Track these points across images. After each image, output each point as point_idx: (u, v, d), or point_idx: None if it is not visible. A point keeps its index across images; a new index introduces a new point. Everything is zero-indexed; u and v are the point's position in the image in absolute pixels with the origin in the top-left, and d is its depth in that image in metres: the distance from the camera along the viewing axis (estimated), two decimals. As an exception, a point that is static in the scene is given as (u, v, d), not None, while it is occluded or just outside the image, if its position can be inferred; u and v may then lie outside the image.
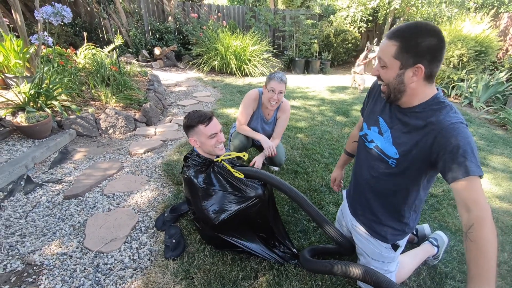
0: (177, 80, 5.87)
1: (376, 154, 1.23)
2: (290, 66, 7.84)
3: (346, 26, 8.23)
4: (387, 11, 7.72)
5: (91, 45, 4.94)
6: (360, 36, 8.54)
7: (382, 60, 1.04)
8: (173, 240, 1.66)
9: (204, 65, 6.52)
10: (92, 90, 3.65)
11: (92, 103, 3.50)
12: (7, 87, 3.42)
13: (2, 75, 3.39)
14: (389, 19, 7.74)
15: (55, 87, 3.25)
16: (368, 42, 8.02)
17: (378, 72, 1.09)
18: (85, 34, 5.53)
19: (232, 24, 7.73)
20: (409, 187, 1.17)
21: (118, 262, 1.56)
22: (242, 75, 6.52)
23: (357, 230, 1.41)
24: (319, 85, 6.19)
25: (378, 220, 1.30)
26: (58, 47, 4.36)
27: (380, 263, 1.35)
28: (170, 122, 3.65)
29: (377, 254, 1.34)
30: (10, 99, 2.99)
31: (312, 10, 8.71)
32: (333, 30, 7.95)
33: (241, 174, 1.58)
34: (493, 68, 6.10)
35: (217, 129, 1.59)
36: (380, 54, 1.05)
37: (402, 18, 7.76)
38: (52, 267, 1.51)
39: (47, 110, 2.93)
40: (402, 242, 1.34)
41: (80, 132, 3.05)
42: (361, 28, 8.27)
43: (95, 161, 2.59)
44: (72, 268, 1.51)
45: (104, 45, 5.44)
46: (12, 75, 3.37)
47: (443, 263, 1.64)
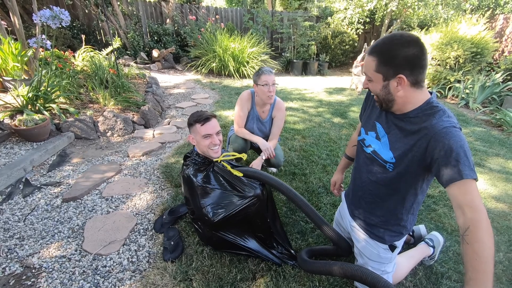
0: (175, 82, 5.88)
1: (374, 159, 1.26)
2: (288, 68, 7.87)
3: (344, 28, 8.27)
4: (384, 13, 7.77)
5: (89, 48, 4.95)
6: (358, 38, 8.60)
7: (367, 75, 1.12)
8: (172, 242, 1.67)
9: (202, 67, 6.54)
10: (91, 93, 3.66)
11: (91, 106, 3.51)
12: (5, 90, 3.42)
13: (0, 78, 3.40)
14: (386, 21, 7.79)
15: (53, 90, 3.26)
16: (366, 44, 8.06)
17: (367, 85, 1.16)
18: (83, 37, 5.55)
19: (230, 26, 7.76)
20: (407, 191, 1.19)
21: (117, 265, 1.57)
22: (240, 77, 6.54)
23: (355, 231, 1.43)
24: (317, 87, 6.21)
25: (376, 222, 1.32)
26: (56, 50, 4.37)
27: (378, 264, 1.36)
28: (169, 125, 3.66)
29: (375, 255, 1.35)
30: (8, 102, 2.99)
31: (310, 12, 8.76)
32: (331, 32, 8.00)
33: (240, 173, 1.60)
34: (489, 69, 6.15)
35: (213, 131, 1.61)
36: (365, 69, 1.13)
37: (399, 20, 7.81)
38: (51, 270, 1.51)
39: (45, 113, 2.93)
40: (399, 243, 1.35)
41: (79, 135, 3.05)
42: (359, 30, 8.32)
43: (94, 164, 2.59)
44: (71, 271, 1.51)
45: (102, 48, 5.44)
46: (10, 78, 3.38)
47: (439, 263, 1.65)
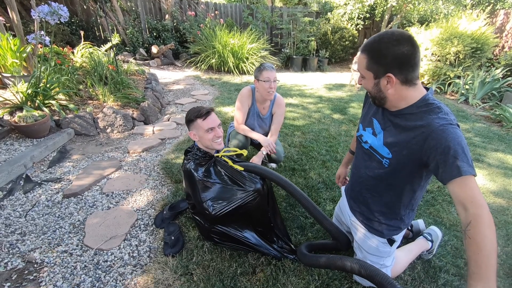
0: (175, 79, 5.87)
1: (371, 154, 1.27)
2: (288, 64, 7.85)
3: (344, 24, 8.24)
4: (384, 8, 7.73)
5: (88, 44, 4.93)
6: (358, 34, 8.56)
7: (360, 72, 1.14)
8: (172, 237, 1.68)
9: (202, 63, 6.52)
10: (90, 89, 3.65)
11: (90, 102, 3.51)
12: (5, 87, 3.42)
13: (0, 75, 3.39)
14: (386, 16, 7.76)
15: (53, 86, 3.25)
16: (366, 40, 8.05)
17: (361, 82, 1.18)
18: (82, 33, 5.52)
19: (230, 22, 7.72)
20: (403, 187, 1.20)
21: (118, 259, 1.58)
22: (240, 73, 6.53)
23: (355, 225, 1.44)
24: (317, 83, 6.20)
25: (374, 217, 1.34)
26: (55, 46, 4.35)
27: (376, 258, 1.37)
28: (168, 121, 3.66)
29: (374, 249, 1.36)
30: (8, 99, 2.99)
31: (310, 8, 8.70)
32: (331, 28, 7.96)
33: (241, 168, 1.61)
34: (489, 65, 6.14)
35: (215, 124, 1.63)
36: (358, 66, 1.15)
37: (399, 15, 7.77)
38: (53, 265, 1.53)
39: (45, 110, 2.93)
40: (398, 237, 1.37)
41: (78, 131, 3.06)
42: (358, 26, 8.29)
43: (94, 160, 2.60)
44: (73, 266, 1.53)
45: (101, 44, 5.42)
46: (9, 75, 3.37)
47: (437, 257, 1.67)
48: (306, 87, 5.77)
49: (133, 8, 7.32)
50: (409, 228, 1.80)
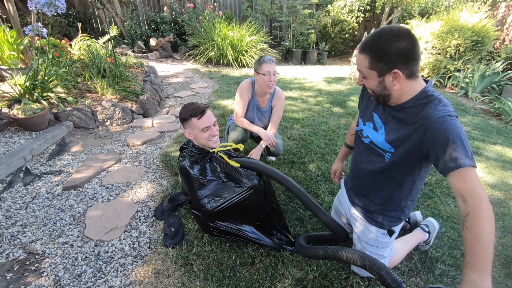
0: (174, 72, 5.84)
1: (372, 149, 1.27)
2: (287, 57, 7.79)
3: (344, 16, 8.15)
4: (385, 1, 7.65)
5: (86, 36, 4.88)
6: (358, 26, 8.48)
7: (361, 72, 1.11)
8: (172, 229, 1.70)
9: (201, 56, 6.47)
10: (88, 82, 3.63)
11: (88, 95, 3.49)
12: (2, 79, 3.39)
13: (-3, 67, 3.36)
14: (387, 9, 7.68)
15: (51, 79, 3.23)
16: (366, 32, 7.97)
17: (362, 82, 1.15)
18: (80, 25, 5.45)
19: (229, 14, 7.64)
20: (405, 179, 1.21)
21: (119, 250, 1.60)
22: (239, 66, 6.49)
23: (355, 217, 1.46)
24: (316, 76, 6.18)
25: (375, 209, 1.35)
26: (53, 39, 4.31)
27: (376, 248, 1.39)
28: (167, 114, 3.65)
29: (373, 240, 1.38)
30: (6, 91, 2.97)
31: (310, 0, 8.60)
32: (331, 20, 7.89)
33: (237, 164, 1.60)
34: (490, 58, 6.11)
35: (210, 123, 1.59)
36: (358, 67, 1.12)
37: (400, 8, 7.70)
38: (54, 256, 1.54)
39: (43, 102, 2.92)
40: (397, 228, 1.39)
41: (77, 124, 3.05)
42: (359, 18, 8.21)
43: (93, 153, 2.60)
44: (74, 257, 1.54)
45: (99, 36, 5.36)
46: (7, 67, 3.34)
47: (434, 248, 1.69)
48: (306, 80, 5.75)
49: (131, 0, 7.23)
50: (407, 220, 1.82)
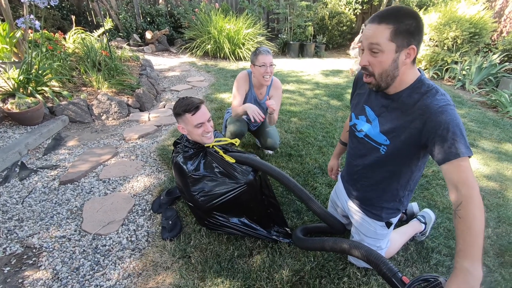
0: (170, 65, 5.78)
1: (367, 143, 1.26)
2: (285, 50, 7.73)
3: (341, 8, 8.08)
4: (383, -8, 7.57)
5: (80, 29, 4.81)
6: (355, 19, 8.41)
7: (377, 45, 0.99)
8: (170, 222, 1.70)
9: (197, 49, 6.41)
10: (83, 76, 3.59)
11: (84, 89, 3.46)
12: (-5, 73, 3.34)
13: (-11, 61, 3.31)
14: (385, 1, 7.61)
15: (45, 73, 3.19)
16: (363, 25, 7.91)
17: (368, 62, 1.04)
18: (73, 18, 5.37)
19: (225, 7, 7.54)
20: (402, 171, 1.20)
21: (116, 244, 1.60)
22: (236, 59, 6.43)
23: (353, 210, 1.46)
24: (314, 69, 6.15)
25: (373, 202, 1.35)
26: (46, 32, 4.24)
27: (374, 240, 1.40)
28: (164, 108, 3.63)
29: (372, 232, 1.39)
30: (-1, 85, 2.93)
31: (307, -8, 8.50)
32: (328, 13, 7.81)
33: (232, 159, 1.59)
34: (487, 50, 6.10)
35: (204, 119, 1.55)
36: (373, 40, 1.00)
37: (397, 0, 7.64)
38: (52, 250, 1.54)
39: (38, 96, 2.89)
40: (395, 220, 1.39)
41: (73, 118, 3.02)
42: (356, 10, 8.14)
43: (90, 147, 2.59)
44: (71, 250, 1.54)
45: (94, 29, 5.28)
46: (0, 61, 3.29)
47: (430, 239, 1.71)
48: (303, 73, 5.72)
49: (126, -8, 7.11)
50: (404, 211, 1.84)
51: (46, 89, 3.02)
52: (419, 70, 1.10)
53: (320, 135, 2.98)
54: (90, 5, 6.85)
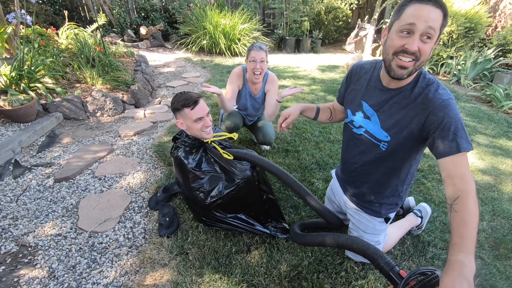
0: (165, 61, 5.73)
1: (367, 139, 1.24)
2: (281, 45, 7.70)
3: (337, 3, 8.05)
4: (379, -13, 7.54)
5: (73, 25, 4.73)
6: (351, 14, 8.39)
7: (433, 30, 0.90)
8: (167, 219, 1.69)
9: (193, 45, 6.35)
10: (77, 72, 3.54)
11: (78, 86, 3.41)
12: (-13, 70, 3.27)
13: (-20, 57, 3.24)
14: (381, -5, 7.59)
15: (38, 69, 3.13)
16: (359, 20, 7.90)
17: (418, 48, 0.93)
18: (66, 13, 5.28)
19: (220, 2, 7.47)
20: (401, 165, 1.20)
21: (113, 241, 1.59)
22: (232, 55, 6.39)
23: (351, 207, 1.46)
24: (310, 64, 6.13)
25: (371, 199, 1.35)
26: (38, 27, 4.16)
27: (373, 236, 1.41)
28: (160, 104, 3.60)
29: (371, 228, 1.39)
30: (-9, 82, 2.88)
31: (303, -14, 8.44)
32: (324, 8, 7.78)
33: (231, 156, 1.58)
34: (482, 45, 6.13)
35: (204, 113, 1.54)
36: (432, 23, 0.90)
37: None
38: (47, 248, 1.53)
39: (31, 93, 2.84)
40: (393, 215, 1.40)
41: (67, 115, 2.98)
42: (352, 5, 8.11)
43: (85, 144, 2.56)
44: (68, 248, 1.53)
45: (87, 25, 5.20)
46: (-9, 57, 3.22)
47: (426, 233, 1.72)
48: (299, 69, 5.71)
49: (119, -13, 7.00)
50: (400, 206, 1.85)
51: (39, 86, 2.97)
52: None
53: (317, 131, 2.97)
54: (83, 0, 6.74)
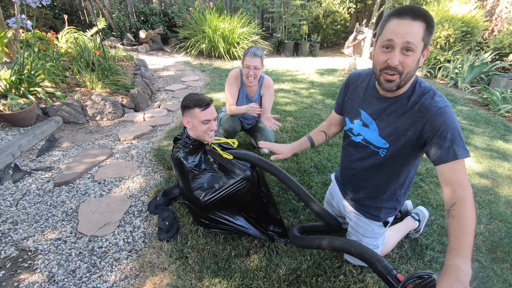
0: (165, 65, 5.75)
1: (365, 147, 1.26)
2: (279, 49, 7.73)
3: (335, 7, 8.10)
4: (376, -9, 7.60)
5: (73, 29, 4.75)
6: (349, 17, 8.45)
7: (412, 44, 0.93)
8: (167, 223, 1.70)
9: (192, 49, 6.38)
10: (77, 76, 3.55)
11: (77, 89, 3.42)
12: (-14, 74, 3.28)
13: (-20, 61, 3.25)
14: (378, 0, 7.66)
15: (37, 73, 3.15)
16: (357, 24, 7.95)
17: (399, 62, 0.97)
18: (66, 17, 5.30)
19: (219, 5, 7.51)
20: (400, 170, 1.22)
21: (113, 245, 1.60)
22: (231, 59, 6.42)
23: (349, 211, 1.47)
24: (309, 68, 6.16)
25: (370, 203, 1.37)
26: (38, 31, 4.18)
27: (371, 239, 1.42)
28: (159, 108, 3.61)
29: (369, 232, 1.41)
30: (-9, 86, 2.89)
31: (301, -10, 8.50)
32: (322, 11, 7.83)
33: (230, 156, 1.61)
34: (479, 49, 6.18)
35: (212, 116, 1.60)
36: (410, 38, 0.93)
37: (391, -1, 7.68)
38: (47, 252, 1.53)
39: (31, 97, 2.85)
40: (391, 219, 1.42)
41: (67, 119, 2.99)
42: (350, 9, 8.17)
43: (84, 148, 2.57)
44: (67, 252, 1.53)
45: (87, 29, 5.22)
46: (-9, 61, 3.24)
47: (424, 236, 1.73)
48: (298, 72, 5.74)
49: (119, -9, 7.03)
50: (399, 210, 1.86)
51: (39, 90, 2.98)
52: None
53: (316, 134, 2.99)
54: (83, 4, 6.77)
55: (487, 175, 2.48)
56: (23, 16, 2.85)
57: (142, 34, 6.53)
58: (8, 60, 3.32)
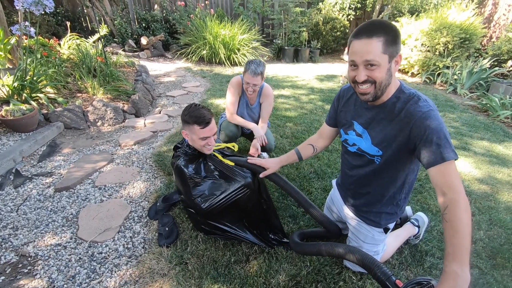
0: (166, 71, 5.80)
1: (361, 156, 1.30)
2: (280, 55, 7.80)
3: (335, 14, 8.20)
4: (375, -1, 7.71)
5: (75, 35, 4.81)
6: (349, 24, 8.54)
7: (373, 61, 1.00)
8: (166, 228, 1.70)
9: (193, 55, 6.43)
10: (78, 82, 3.59)
11: (79, 95, 3.45)
12: (-11, 80, 3.32)
13: (-17, 67, 3.28)
14: (377, 7, 7.75)
15: (40, 79, 3.18)
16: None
17: (366, 77, 1.04)
18: (68, 24, 5.37)
19: (220, 13, 7.60)
20: (396, 175, 1.24)
21: (113, 251, 1.60)
22: (231, 65, 6.47)
23: (349, 217, 1.48)
24: (309, 74, 6.21)
25: (371, 209, 1.38)
26: (41, 38, 4.23)
27: (372, 246, 1.43)
28: (160, 113, 3.63)
29: (370, 238, 1.41)
30: (-7, 92, 2.92)
31: (301, -2, 8.61)
32: (322, 18, 7.92)
33: (232, 163, 1.62)
34: (477, 55, 6.23)
35: (211, 133, 1.58)
36: (368, 56, 1.00)
37: (390, 6, 7.77)
38: (47, 258, 1.53)
39: (33, 103, 2.88)
40: (392, 225, 1.42)
41: (68, 125, 3.02)
42: (350, 16, 8.26)
43: (85, 154, 2.58)
44: (67, 258, 1.54)
45: (89, 35, 5.28)
46: (-6, 67, 3.27)
47: (424, 242, 1.73)
48: (298, 78, 5.78)
49: (121, -2, 7.13)
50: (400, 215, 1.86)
51: (41, 96, 3.01)
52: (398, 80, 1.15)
53: (315, 140, 3.00)
54: (85, 11, 6.86)
55: (487, 181, 2.48)
56: (27, 23, 2.89)
57: (144, 41, 6.60)
58: (11, 67, 3.36)
